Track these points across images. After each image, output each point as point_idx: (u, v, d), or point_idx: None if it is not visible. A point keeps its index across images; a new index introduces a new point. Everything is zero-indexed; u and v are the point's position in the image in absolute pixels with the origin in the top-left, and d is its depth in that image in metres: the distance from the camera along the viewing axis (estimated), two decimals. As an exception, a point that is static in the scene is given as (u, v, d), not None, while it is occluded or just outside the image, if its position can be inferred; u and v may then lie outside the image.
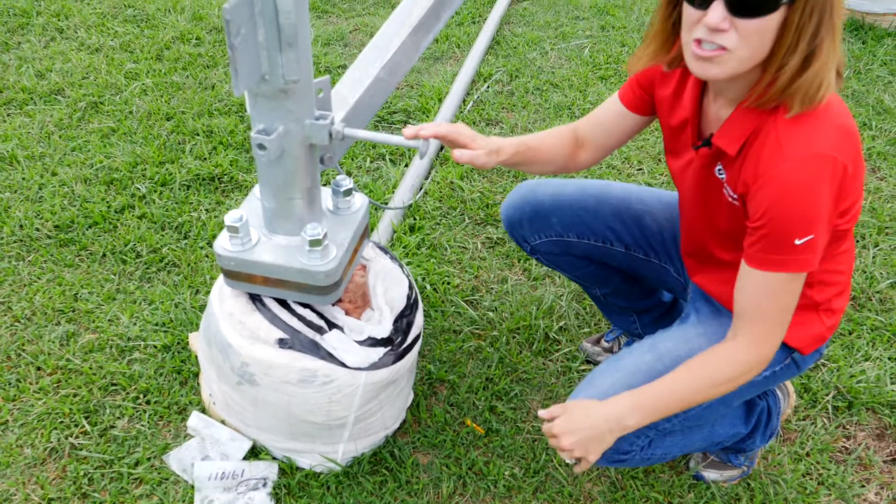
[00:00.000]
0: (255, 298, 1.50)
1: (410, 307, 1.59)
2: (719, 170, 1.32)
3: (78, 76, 3.00)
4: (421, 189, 2.46)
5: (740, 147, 1.25)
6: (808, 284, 1.35)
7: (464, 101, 2.99)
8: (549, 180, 1.68)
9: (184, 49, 3.21)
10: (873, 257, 2.28)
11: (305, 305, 1.50)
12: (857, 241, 2.34)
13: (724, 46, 1.13)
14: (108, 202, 2.35)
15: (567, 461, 1.36)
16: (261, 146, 1.26)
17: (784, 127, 1.17)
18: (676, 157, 1.44)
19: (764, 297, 1.25)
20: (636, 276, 1.73)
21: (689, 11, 1.16)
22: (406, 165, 2.56)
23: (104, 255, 2.17)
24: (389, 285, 1.61)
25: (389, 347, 1.52)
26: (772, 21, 1.11)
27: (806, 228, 1.17)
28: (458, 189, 2.46)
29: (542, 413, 1.33)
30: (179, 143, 2.62)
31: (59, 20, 3.45)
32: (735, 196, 1.28)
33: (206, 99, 2.86)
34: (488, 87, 3.09)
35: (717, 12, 1.11)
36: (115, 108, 2.81)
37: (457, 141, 1.33)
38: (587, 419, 1.30)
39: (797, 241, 1.18)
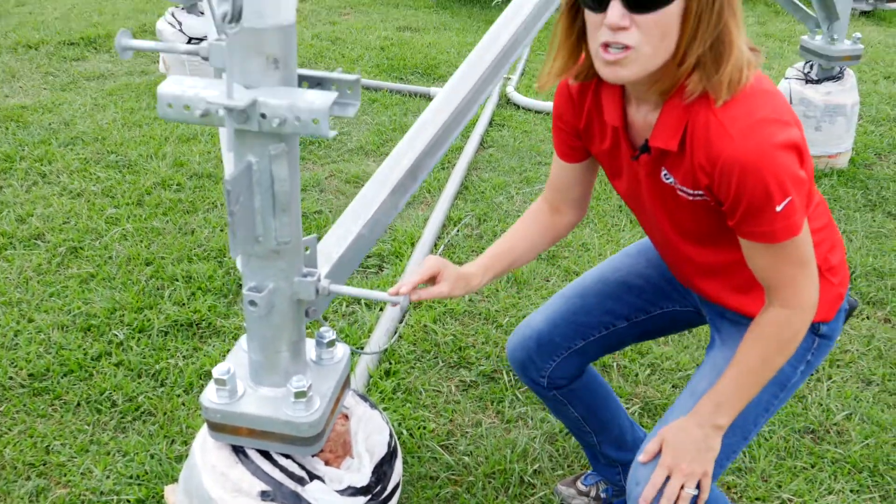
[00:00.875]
0: (238, 450, 1.52)
1: (391, 454, 1.62)
2: (665, 175, 1.34)
3: (59, 221, 3.08)
4: (396, 333, 2.52)
5: (680, 141, 1.26)
6: None
7: (435, 244, 3.10)
8: (537, 310, 1.74)
9: (164, 194, 3.31)
10: (827, 390, 2.37)
11: (287, 456, 1.53)
12: (811, 375, 2.43)
13: (628, 45, 1.16)
14: (84, 349, 2.37)
15: (692, 492, 1.35)
16: (252, 303, 1.33)
17: (719, 109, 1.20)
18: (620, 178, 1.47)
19: (772, 265, 1.28)
20: (653, 334, 1.75)
21: (590, 18, 1.20)
22: (381, 309, 2.63)
23: (78, 404, 2.18)
24: (370, 432, 1.64)
25: (370, 496, 1.54)
26: (671, 13, 1.14)
27: (780, 193, 1.19)
28: (432, 332, 2.53)
29: (641, 458, 1.38)
30: (158, 289, 2.67)
31: (42, 165, 3.55)
32: (694, 192, 1.30)
33: (186, 244, 2.93)
34: (458, 231, 3.22)
35: (616, 10, 1.14)
36: (95, 253, 2.87)
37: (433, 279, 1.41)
38: (684, 433, 1.35)
39: (777, 209, 1.20)
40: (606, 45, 1.17)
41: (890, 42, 6.36)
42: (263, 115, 1.10)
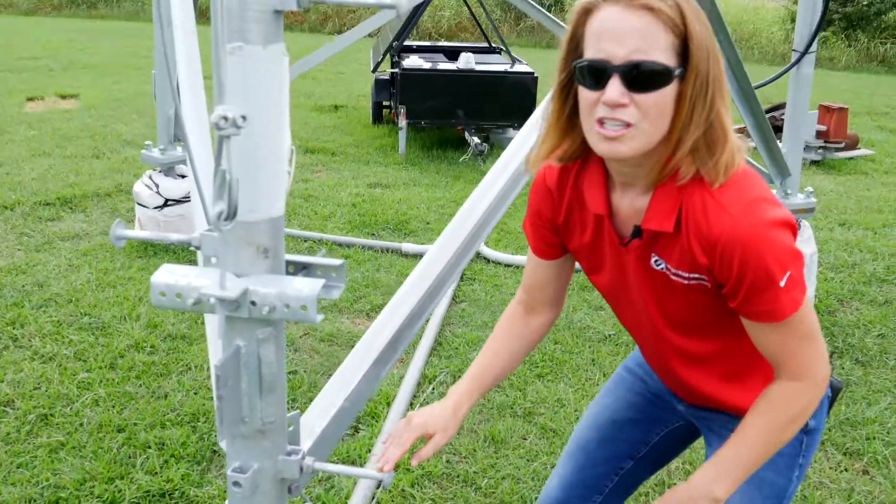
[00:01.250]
0: None
1: None
2: (656, 261, 1.34)
3: (29, 386, 3.03)
4: (373, 499, 2.47)
5: (675, 222, 1.27)
6: None
7: (411, 404, 3.09)
8: (552, 474, 1.74)
9: (138, 357, 3.30)
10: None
11: None
12: None
13: (628, 122, 1.19)
14: (52, 524, 2.30)
15: None
16: (236, 483, 1.32)
17: (715, 190, 1.24)
18: (602, 272, 1.46)
19: (780, 342, 1.28)
20: (662, 461, 1.74)
21: (586, 95, 1.22)
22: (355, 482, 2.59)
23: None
24: None
25: None
26: (667, 94, 1.19)
27: (781, 267, 1.21)
28: (410, 497, 2.49)
29: None
30: (130, 457, 2.62)
31: (13, 328, 3.53)
32: (690, 275, 1.30)
33: (159, 409, 2.90)
34: (433, 389, 3.22)
35: (615, 88, 1.17)
36: (66, 419, 2.82)
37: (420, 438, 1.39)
38: (676, 495, 1.31)
39: (780, 283, 1.21)
40: (602, 122, 1.21)
41: (841, 190, 6.67)
42: (253, 303, 1.14)
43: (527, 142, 1.93)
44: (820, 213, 5.94)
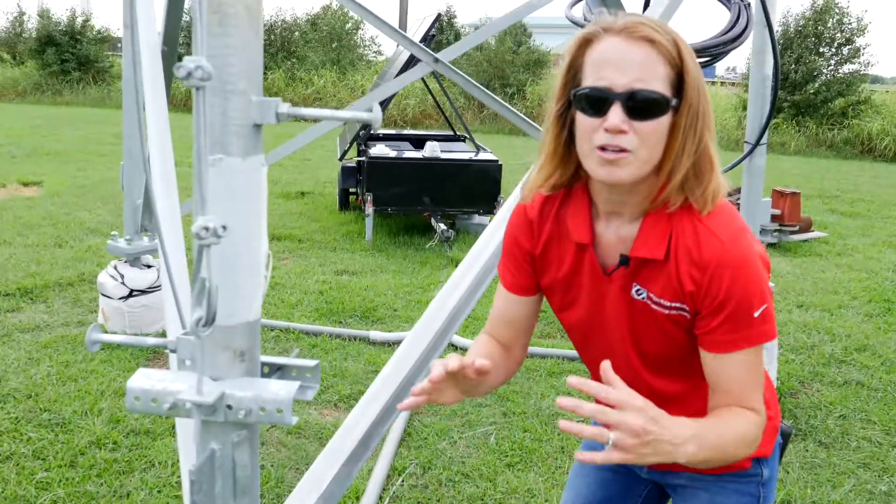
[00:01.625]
0: None
1: None
2: (637, 290, 1.36)
3: (-16, 488, 2.94)
4: None
5: (665, 250, 1.30)
6: None
7: (380, 497, 3.05)
8: None
9: (99, 455, 3.22)
10: None
11: None
12: None
13: (626, 148, 1.23)
14: None
15: (611, 437, 1.17)
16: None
17: (704, 218, 1.29)
18: (575, 307, 1.45)
19: (743, 374, 1.30)
20: None
21: (585, 122, 1.26)
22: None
23: None
24: None
25: None
26: (663, 124, 1.24)
27: (760, 299, 1.26)
28: None
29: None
30: (90, 560, 2.54)
31: (-32, 427, 3.44)
32: (672, 304, 1.32)
33: (121, 508, 2.83)
34: (402, 481, 3.18)
35: (616, 115, 1.22)
36: (23, 522, 2.73)
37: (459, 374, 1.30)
38: (667, 420, 1.20)
39: (755, 314, 1.26)
40: (603, 148, 1.25)
41: (797, 272, 6.84)
42: (229, 407, 1.15)
43: (495, 235, 1.98)
44: (779, 295, 6.07)
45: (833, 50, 18.03)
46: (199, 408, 1.12)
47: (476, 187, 7.29)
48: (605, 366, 1.20)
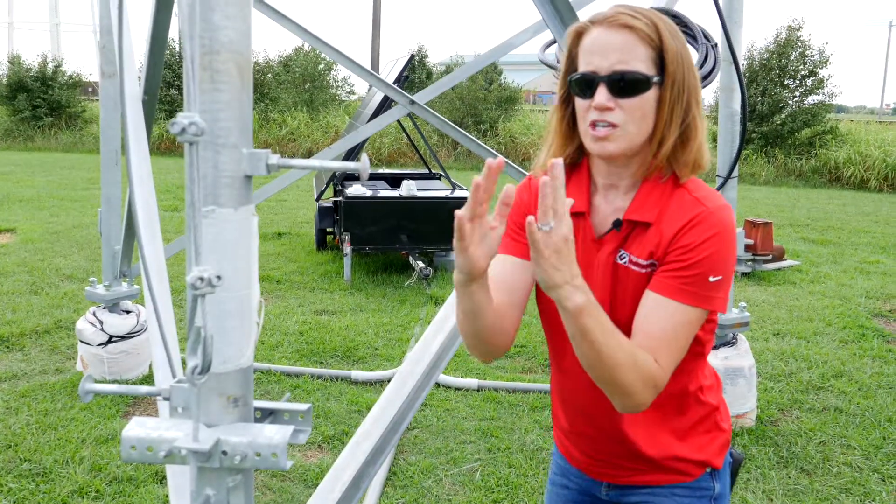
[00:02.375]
0: None
1: None
2: (621, 255, 1.45)
3: (-36, 542, 2.90)
4: None
5: (656, 214, 1.41)
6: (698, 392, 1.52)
7: (368, 538, 3.04)
8: None
9: (82, 504, 3.19)
10: None
11: None
12: None
13: (614, 123, 1.36)
14: None
15: (543, 228, 1.23)
16: None
17: (691, 188, 1.41)
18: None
19: (670, 327, 1.35)
20: None
21: (580, 103, 1.41)
22: None
23: None
24: None
25: None
26: (647, 99, 1.37)
27: (721, 268, 1.36)
28: None
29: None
30: None
31: (-54, 480, 3.39)
32: (648, 262, 1.41)
33: (105, 558, 2.79)
34: (390, 521, 3.18)
35: (602, 94, 1.36)
36: (5, 576, 2.69)
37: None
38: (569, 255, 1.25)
39: (711, 279, 1.35)
40: (594, 124, 1.38)
41: (772, 300, 6.93)
42: (225, 453, 1.16)
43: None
44: (755, 323, 6.15)
45: (797, 82, 18.43)
46: (195, 454, 1.13)
47: (452, 224, 7.33)
48: (556, 165, 1.21)
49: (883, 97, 70.42)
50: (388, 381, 4.85)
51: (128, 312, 4.68)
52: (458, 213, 1.28)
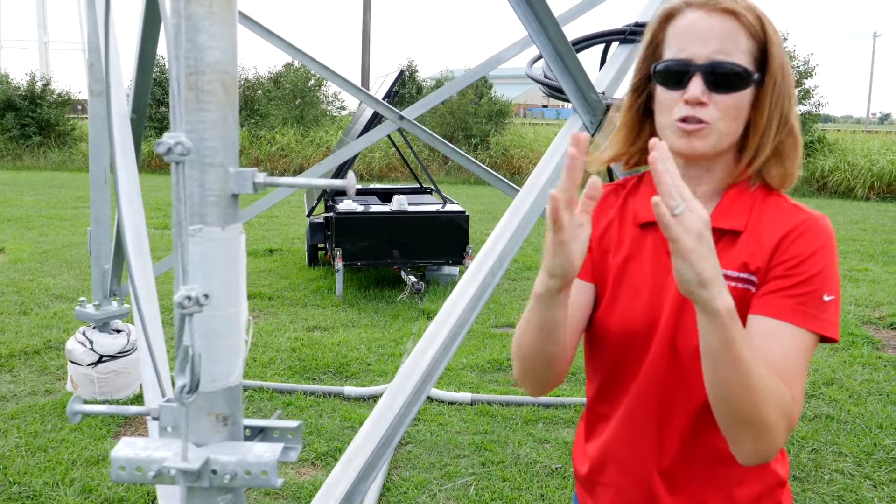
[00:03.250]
0: None
1: None
2: None
3: (-46, 566, 2.87)
4: None
5: (746, 221, 1.24)
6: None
7: (361, 555, 3.02)
8: None
9: (72, 526, 3.16)
10: None
11: None
12: None
13: (705, 120, 1.21)
14: None
15: (675, 208, 1.03)
16: None
17: (785, 196, 1.25)
18: (620, 301, 1.32)
19: (793, 353, 1.15)
20: None
21: (665, 95, 1.25)
22: None
23: None
24: None
25: None
26: (744, 97, 1.22)
27: (833, 287, 1.17)
28: None
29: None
30: None
31: (-64, 504, 3.36)
32: (739, 276, 1.21)
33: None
34: (384, 537, 3.16)
35: (697, 87, 1.20)
36: None
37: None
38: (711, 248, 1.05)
39: (826, 298, 1.16)
40: (684, 119, 1.23)
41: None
42: (214, 472, 1.16)
43: (468, 288, 2.02)
44: (746, 333, 6.16)
45: (784, 92, 18.55)
46: (184, 474, 1.13)
47: (444, 238, 7.36)
48: (660, 145, 1.04)
49: (869, 107, 71.04)
50: (382, 396, 4.85)
51: (118, 332, 4.66)
52: (553, 193, 1.06)
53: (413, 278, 7.14)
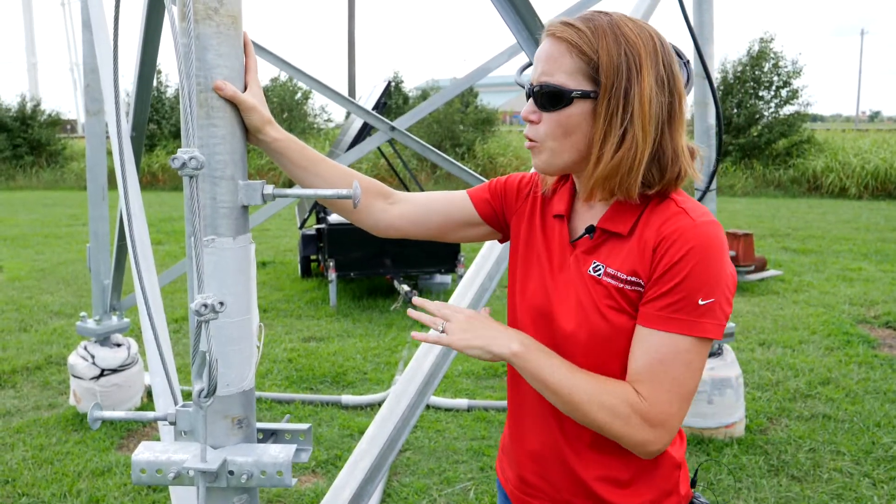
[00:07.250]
0: None
1: None
2: (595, 267, 1.32)
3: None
4: None
5: (631, 226, 1.29)
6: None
7: (366, 560, 3.06)
8: None
9: (79, 539, 3.19)
10: None
11: None
12: None
13: (533, 138, 1.30)
14: None
15: (441, 324, 1.31)
16: None
17: (677, 199, 1.27)
18: (531, 277, 1.43)
19: (658, 359, 1.21)
20: None
21: None
22: None
23: None
24: None
25: None
26: (571, 113, 1.25)
27: (711, 289, 1.19)
28: None
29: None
30: None
31: (-58, 521, 3.39)
32: (628, 279, 1.27)
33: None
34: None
35: (528, 106, 1.30)
36: None
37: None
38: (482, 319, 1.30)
39: (701, 301, 1.19)
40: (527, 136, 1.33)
41: (756, 311, 7.02)
42: (231, 472, 1.21)
43: (464, 296, 2.07)
44: (740, 334, 6.22)
45: (772, 93, 18.72)
46: (203, 475, 1.18)
47: (436, 247, 7.41)
48: (416, 300, 1.35)
49: (858, 105, 71.36)
50: (379, 404, 4.90)
51: (118, 345, 4.70)
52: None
53: (406, 287, 7.18)
